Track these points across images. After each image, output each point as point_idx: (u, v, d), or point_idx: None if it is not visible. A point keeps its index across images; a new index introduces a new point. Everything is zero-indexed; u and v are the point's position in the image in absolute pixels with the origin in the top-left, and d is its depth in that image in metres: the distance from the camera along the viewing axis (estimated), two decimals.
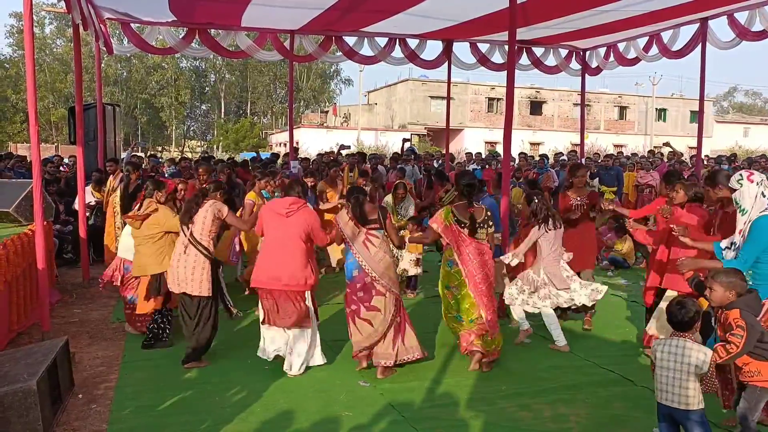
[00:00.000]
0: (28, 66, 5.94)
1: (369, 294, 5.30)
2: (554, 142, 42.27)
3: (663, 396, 3.68)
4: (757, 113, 70.80)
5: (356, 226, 5.37)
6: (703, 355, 3.57)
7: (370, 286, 5.29)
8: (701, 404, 3.62)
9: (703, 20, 10.02)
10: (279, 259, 5.25)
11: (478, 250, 5.43)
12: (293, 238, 5.28)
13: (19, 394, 3.91)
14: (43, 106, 45.92)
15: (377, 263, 5.30)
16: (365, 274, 5.31)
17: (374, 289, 5.29)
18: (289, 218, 5.32)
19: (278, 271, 5.22)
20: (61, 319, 6.89)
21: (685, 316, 3.64)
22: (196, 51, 11.86)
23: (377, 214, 5.41)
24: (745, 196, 4.26)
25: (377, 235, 5.37)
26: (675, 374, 3.62)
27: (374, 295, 5.29)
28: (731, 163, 16.06)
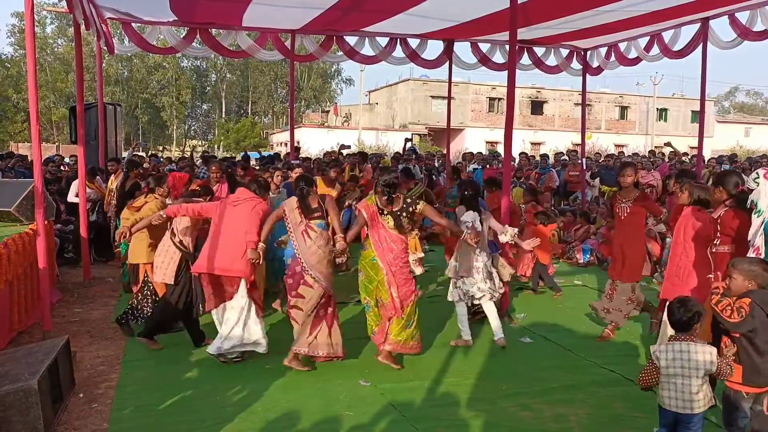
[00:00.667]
0: (29, 65, 5.95)
1: (297, 283, 5.41)
2: (555, 141, 42.25)
3: (670, 402, 3.52)
4: (758, 113, 70.74)
5: (300, 215, 5.47)
6: (708, 355, 3.46)
7: (300, 275, 5.39)
8: (707, 405, 3.51)
9: (704, 20, 10.01)
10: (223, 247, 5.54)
11: (388, 239, 5.43)
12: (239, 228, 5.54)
13: (20, 393, 3.91)
14: (44, 105, 45.96)
15: (310, 255, 5.38)
16: (297, 263, 5.43)
17: (302, 279, 5.38)
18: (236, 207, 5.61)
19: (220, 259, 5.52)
20: (61, 319, 6.90)
21: (684, 315, 3.52)
22: (197, 51, 11.87)
23: (319, 204, 5.50)
24: (762, 195, 4.04)
25: (315, 229, 5.44)
26: (684, 380, 3.44)
27: (301, 285, 5.38)
28: (732, 163, 16.06)
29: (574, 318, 7.24)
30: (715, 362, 3.45)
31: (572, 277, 9.56)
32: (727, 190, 4.61)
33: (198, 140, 62.36)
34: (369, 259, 5.45)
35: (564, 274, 9.81)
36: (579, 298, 8.23)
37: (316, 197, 5.59)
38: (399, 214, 5.45)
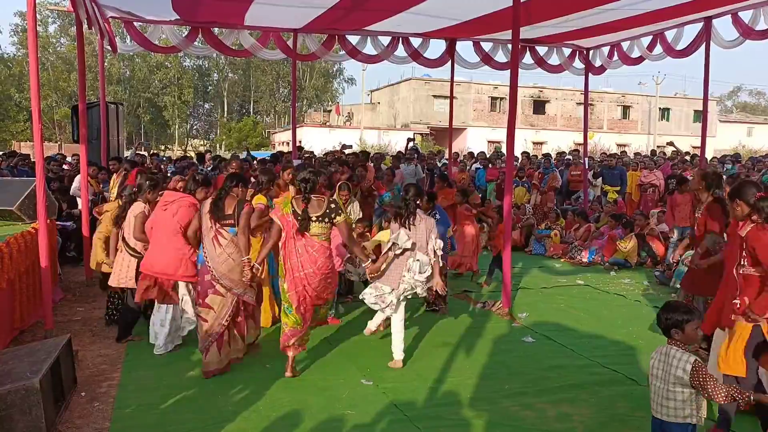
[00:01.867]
0: (31, 64, 5.95)
1: (205, 291, 5.27)
2: (557, 141, 42.20)
3: (652, 406, 3.44)
4: (761, 113, 70.60)
5: (210, 219, 5.25)
6: (684, 362, 3.25)
7: (209, 283, 5.23)
8: (689, 419, 3.30)
9: (707, 19, 9.99)
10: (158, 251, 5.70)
11: (306, 246, 5.07)
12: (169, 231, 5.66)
13: (22, 392, 3.91)
14: (46, 104, 46.01)
15: (220, 263, 5.19)
16: (207, 271, 5.24)
17: (212, 288, 5.22)
18: (166, 211, 5.70)
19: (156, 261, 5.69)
20: (63, 317, 6.90)
21: (664, 321, 3.39)
22: (199, 50, 11.88)
23: (234, 210, 5.23)
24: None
25: (225, 235, 5.21)
26: (660, 383, 3.36)
27: (210, 294, 5.24)
28: (735, 163, 16.04)
29: (577, 317, 7.23)
30: (688, 374, 3.21)
31: (575, 276, 9.55)
32: (747, 201, 4.18)
33: (200, 139, 62.38)
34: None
35: (567, 273, 9.81)
36: (581, 298, 8.23)
37: (234, 202, 5.27)
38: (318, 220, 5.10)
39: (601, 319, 7.22)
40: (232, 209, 5.24)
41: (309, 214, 5.05)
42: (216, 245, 5.20)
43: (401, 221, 5.55)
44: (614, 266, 10.09)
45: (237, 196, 5.31)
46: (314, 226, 5.08)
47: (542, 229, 12.06)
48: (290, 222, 5.08)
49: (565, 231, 12.03)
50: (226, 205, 5.24)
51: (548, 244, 11.55)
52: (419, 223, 5.54)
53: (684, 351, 3.30)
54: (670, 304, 3.49)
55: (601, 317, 7.28)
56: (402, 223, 5.55)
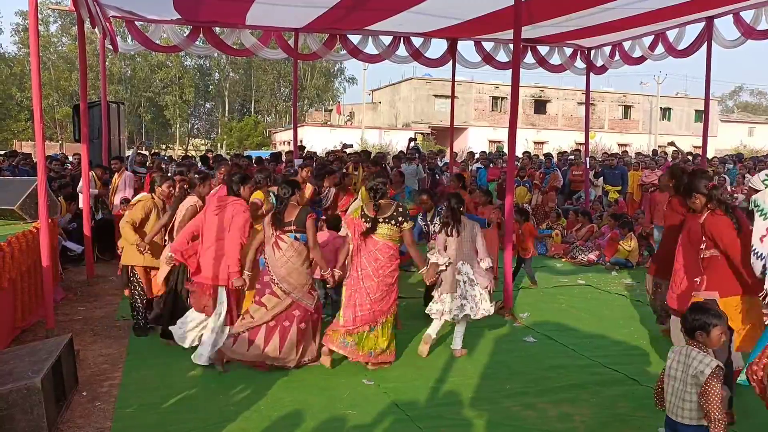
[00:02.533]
0: (33, 64, 5.95)
1: (263, 290, 5.37)
2: (558, 141, 42.17)
3: (668, 407, 3.42)
4: (762, 113, 70.54)
5: (271, 227, 5.40)
6: (703, 365, 3.23)
7: (267, 284, 5.36)
8: (703, 420, 3.26)
9: (708, 19, 9.98)
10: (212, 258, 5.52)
11: (370, 248, 5.41)
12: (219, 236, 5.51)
13: (24, 392, 3.91)
14: (47, 104, 46.01)
15: (279, 267, 5.30)
16: (266, 273, 5.39)
17: (269, 289, 5.34)
18: (218, 216, 5.54)
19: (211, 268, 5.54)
20: (65, 317, 6.90)
21: (691, 322, 3.38)
22: (200, 49, 11.89)
23: (295, 217, 5.31)
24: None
25: (285, 240, 5.32)
26: (678, 384, 3.35)
27: (267, 293, 5.34)
28: (737, 163, 16.03)
29: (578, 317, 7.23)
30: (706, 375, 3.19)
31: (576, 276, 9.54)
32: (702, 193, 4.49)
33: (201, 139, 62.39)
34: None
35: (568, 273, 9.81)
36: (582, 298, 8.23)
37: (295, 210, 5.38)
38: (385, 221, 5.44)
39: (602, 318, 7.22)
40: (293, 216, 5.35)
41: (378, 218, 5.42)
42: (276, 250, 5.34)
43: (448, 231, 5.77)
44: (615, 266, 10.08)
45: (297, 203, 5.44)
46: (381, 227, 5.42)
47: (543, 229, 12.06)
48: (358, 225, 5.46)
49: (566, 231, 12.03)
50: (286, 214, 5.37)
51: (549, 244, 11.55)
52: (463, 230, 5.78)
53: (705, 354, 3.28)
54: (700, 306, 3.50)
55: (603, 317, 7.28)
56: (449, 232, 5.76)
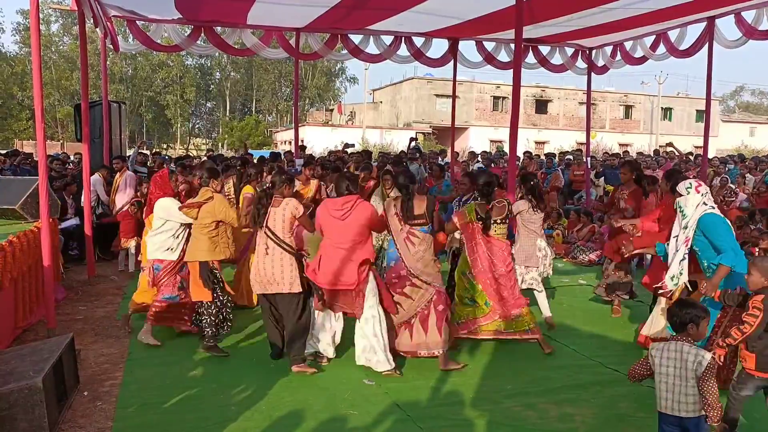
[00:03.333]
0: (34, 63, 5.94)
1: (402, 284, 5.40)
2: (559, 141, 42.16)
3: (664, 404, 3.49)
4: (763, 113, 70.45)
5: (399, 222, 5.39)
6: (701, 357, 3.37)
7: (405, 278, 5.38)
8: (703, 411, 3.42)
9: (710, 19, 9.97)
10: (338, 264, 5.20)
11: (488, 245, 5.67)
12: (350, 241, 5.20)
13: (25, 391, 3.91)
14: (48, 103, 46.05)
15: (416, 261, 5.35)
16: (402, 267, 5.39)
17: (410, 281, 5.36)
18: (345, 221, 5.19)
19: (337, 275, 5.21)
20: (66, 316, 6.90)
21: (690, 314, 3.49)
22: (201, 49, 11.89)
23: (424, 210, 5.37)
24: (689, 203, 4.86)
25: (417, 234, 5.36)
26: (675, 380, 3.43)
27: (407, 285, 5.38)
28: (737, 164, 16.01)
29: (579, 317, 7.23)
30: (703, 366, 3.36)
31: (576, 276, 9.54)
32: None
33: (202, 138, 62.44)
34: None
35: (568, 273, 9.80)
36: (583, 298, 8.22)
37: (422, 202, 5.41)
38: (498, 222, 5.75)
39: (603, 319, 7.21)
40: (422, 209, 5.36)
41: (491, 216, 5.64)
42: (410, 245, 5.38)
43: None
44: None
45: (421, 197, 5.47)
46: (495, 227, 5.69)
47: (545, 229, 12.02)
48: (471, 227, 5.67)
49: (567, 231, 12.02)
50: (415, 206, 5.36)
51: (550, 243, 11.51)
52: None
53: (698, 348, 3.44)
54: (686, 301, 3.80)
55: (604, 317, 7.28)
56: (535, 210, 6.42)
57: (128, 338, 6.20)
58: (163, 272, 6.07)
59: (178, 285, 6.10)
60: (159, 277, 6.09)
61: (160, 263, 6.07)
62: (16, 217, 7.32)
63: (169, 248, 6.07)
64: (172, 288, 6.08)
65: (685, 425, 3.43)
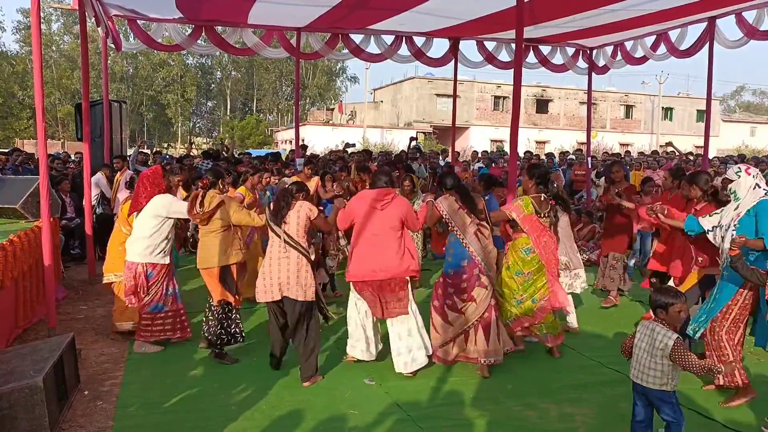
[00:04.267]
0: (35, 62, 5.94)
1: (472, 286, 5.29)
2: (560, 140, 42.16)
3: (633, 372, 3.88)
4: (764, 113, 70.40)
5: (468, 215, 5.35)
6: (666, 338, 3.68)
7: (476, 278, 5.28)
8: (668, 387, 3.73)
9: (710, 19, 9.96)
10: (377, 252, 5.18)
11: (550, 238, 5.70)
12: (388, 229, 5.20)
13: (26, 391, 3.92)
14: (49, 102, 46.06)
15: (488, 255, 5.32)
16: (475, 265, 5.30)
17: (479, 281, 5.28)
18: (384, 211, 5.22)
19: (377, 263, 5.16)
20: (67, 316, 6.91)
21: (659, 301, 3.79)
22: (202, 48, 11.88)
23: (483, 205, 5.46)
24: (742, 185, 4.80)
25: (487, 227, 5.39)
26: (643, 354, 3.79)
27: (476, 287, 5.28)
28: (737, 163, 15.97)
29: (579, 317, 7.20)
30: (669, 348, 3.66)
31: None
32: (699, 186, 5.54)
33: (203, 137, 62.47)
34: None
35: None
36: (583, 298, 8.21)
37: (480, 198, 5.52)
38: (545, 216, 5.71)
39: (603, 318, 7.21)
40: (482, 205, 5.45)
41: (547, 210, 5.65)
42: (481, 238, 5.33)
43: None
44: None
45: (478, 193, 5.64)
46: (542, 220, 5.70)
47: None
48: (535, 220, 5.59)
49: None
50: (477, 202, 5.41)
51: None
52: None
53: (667, 329, 3.74)
54: (661, 288, 4.05)
55: (604, 317, 7.28)
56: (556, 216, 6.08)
57: (129, 338, 6.20)
58: (156, 278, 5.84)
59: (165, 292, 5.89)
60: (150, 283, 5.83)
61: (153, 268, 5.81)
62: (17, 217, 7.33)
63: (163, 251, 5.83)
64: (160, 297, 5.87)
65: (648, 395, 3.80)
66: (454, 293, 5.34)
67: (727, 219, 4.81)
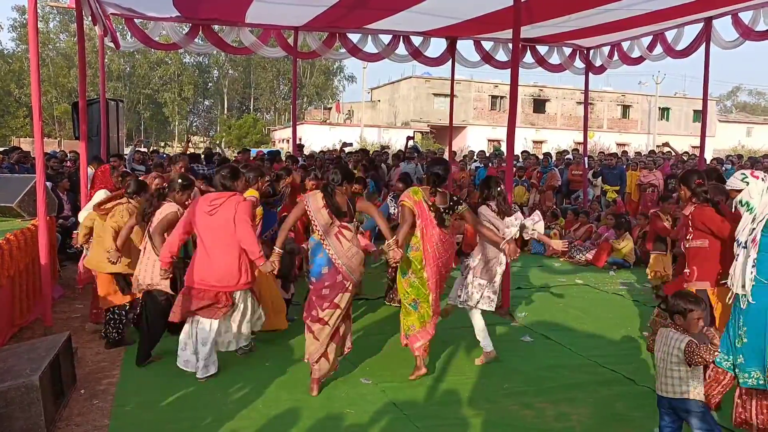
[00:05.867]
0: (32, 60, 5.94)
1: (335, 292, 4.90)
2: (557, 140, 42.17)
3: (657, 385, 3.73)
4: (760, 113, 70.58)
5: (330, 216, 4.92)
6: (678, 342, 3.55)
7: (340, 284, 4.91)
8: (686, 395, 3.54)
9: (707, 20, 10.00)
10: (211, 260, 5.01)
11: (440, 237, 5.20)
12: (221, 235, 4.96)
13: (22, 389, 3.92)
14: (46, 100, 46.02)
15: (350, 258, 4.93)
16: (336, 271, 4.91)
17: (343, 288, 4.92)
18: (213, 216, 4.99)
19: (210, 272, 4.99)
20: (63, 314, 6.90)
21: (675, 306, 3.66)
22: (199, 47, 11.88)
23: (348, 207, 5.02)
24: (753, 193, 4.17)
25: (350, 228, 4.99)
26: (662, 363, 3.66)
27: (340, 294, 4.91)
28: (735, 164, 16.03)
29: (576, 317, 7.25)
30: (682, 351, 3.51)
31: (574, 276, 9.56)
32: (689, 187, 5.07)
33: (200, 136, 62.38)
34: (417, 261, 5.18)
35: (565, 273, 9.82)
36: (580, 297, 8.25)
37: (344, 198, 5.03)
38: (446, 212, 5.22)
39: (599, 318, 7.23)
40: (346, 206, 5.02)
41: (438, 207, 5.21)
42: (343, 239, 4.93)
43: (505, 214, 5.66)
44: (613, 266, 10.10)
45: (344, 192, 5.06)
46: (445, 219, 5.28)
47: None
48: (426, 211, 5.17)
49: (564, 230, 12.05)
50: (340, 203, 4.97)
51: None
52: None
53: (680, 334, 3.59)
54: (681, 293, 3.80)
55: (600, 317, 7.30)
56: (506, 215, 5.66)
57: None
58: None
59: None
60: None
61: None
62: (14, 215, 7.33)
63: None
64: None
65: (673, 406, 3.63)
66: (320, 300, 4.93)
67: (745, 235, 4.16)
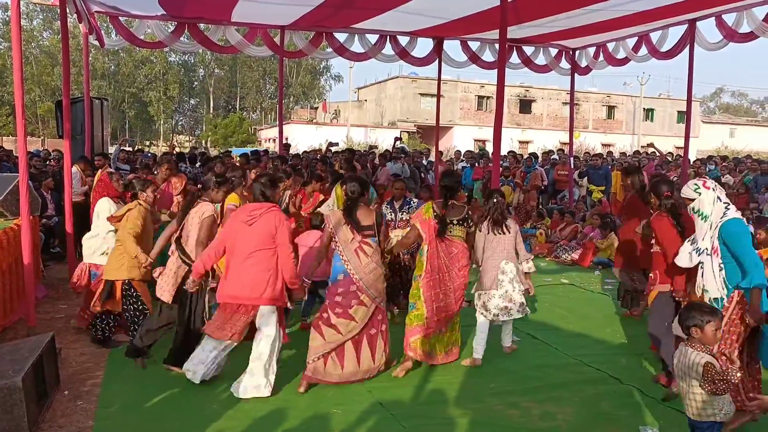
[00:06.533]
0: (15, 58, 5.88)
1: (348, 300, 4.99)
2: (543, 140, 42.35)
3: (685, 407, 3.48)
4: (743, 114, 71.31)
5: (351, 231, 5.05)
6: (696, 365, 3.31)
7: (353, 294, 5.00)
8: (713, 417, 3.35)
9: (691, 21, 10.08)
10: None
11: (447, 249, 5.33)
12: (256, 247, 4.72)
13: (5, 391, 3.87)
14: (29, 99, 45.47)
15: (368, 273, 5.02)
16: (351, 282, 5.01)
17: (356, 299, 4.99)
18: (251, 226, 4.76)
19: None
20: (46, 315, 6.84)
21: (690, 319, 3.42)
22: (185, 45, 11.79)
23: (373, 220, 5.12)
24: (705, 203, 4.34)
25: (371, 244, 5.08)
26: (681, 383, 3.47)
27: (354, 305, 4.99)
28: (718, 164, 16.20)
29: (561, 316, 7.28)
30: (701, 365, 3.27)
31: (559, 275, 9.61)
32: (657, 195, 5.26)
33: (185, 135, 61.98)
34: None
35: (551, 272, 9.86)
36: (565, 297, 8.28)
37: (371, 212, 5.13)
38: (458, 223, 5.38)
39: (585, 318, 7.27)
40: (371, 220, 5.09)
41: (447, 219, 5.32)
42: (362, 255, 5.02)
43: (499, 229, 5.64)
44: (598, 265, 10.16)
45: (366, 205, 5.19)
46: (455, 229, 5.36)
47: (527, 228, 12.12)
48: (432, 225, 5.31)
49: (550, 230, 12.11)
50: (364, 217, 5.06)
51: (533, 243, 11.60)
52: (510, 229, 5.69)
53: (699, 352, 3.36)
54: (693, 304, 3.63)
55: (586, 316, 7.34)
56: (500, 231, 5.63)
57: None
58: (100, 278, 5.89)
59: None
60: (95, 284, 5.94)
61: (97, 269, 6.02)
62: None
63: (104, 253, 5.98)
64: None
65: (695, 427, 3.44)
66: (334, 305, 5.02)
67: (706, 243, 4.31)
